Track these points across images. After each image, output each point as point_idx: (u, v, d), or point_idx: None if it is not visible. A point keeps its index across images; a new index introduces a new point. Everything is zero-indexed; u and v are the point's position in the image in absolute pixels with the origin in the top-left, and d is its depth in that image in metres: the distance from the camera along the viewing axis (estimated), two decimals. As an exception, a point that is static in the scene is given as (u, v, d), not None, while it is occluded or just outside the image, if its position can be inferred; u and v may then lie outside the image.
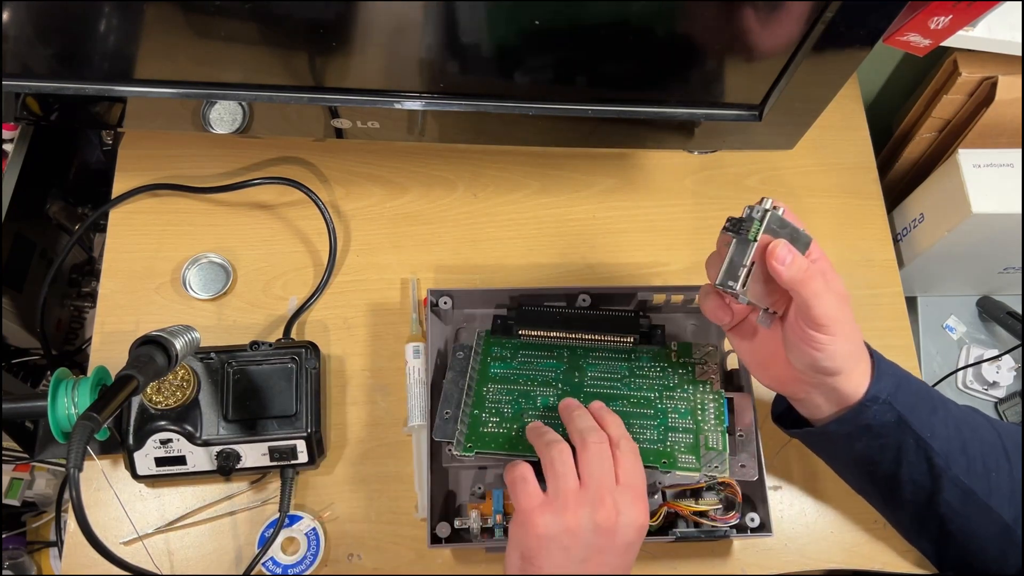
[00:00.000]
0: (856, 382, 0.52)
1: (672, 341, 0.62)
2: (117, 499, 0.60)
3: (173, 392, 0.57)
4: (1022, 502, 0.52)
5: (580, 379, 0.60)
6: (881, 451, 0.54)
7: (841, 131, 0.79)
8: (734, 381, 0.62)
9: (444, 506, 0.59)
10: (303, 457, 0.59)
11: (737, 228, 0.48)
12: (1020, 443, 0.54)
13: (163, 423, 0.57)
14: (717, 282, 0.49)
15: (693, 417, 0.58)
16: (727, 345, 0.62)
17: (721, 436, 0.57)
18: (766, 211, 0.48)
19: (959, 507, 0.53)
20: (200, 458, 0.58)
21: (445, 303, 0.63)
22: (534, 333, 0.60)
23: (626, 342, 0.60)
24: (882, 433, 0.53)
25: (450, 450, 0.57)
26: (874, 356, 0.54)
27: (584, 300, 0.63)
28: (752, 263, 0.48)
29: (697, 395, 0.59)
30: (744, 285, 0.48)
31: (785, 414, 0.58)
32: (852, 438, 0.54)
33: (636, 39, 0.51)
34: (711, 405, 0.58)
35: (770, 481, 0.64)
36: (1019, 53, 0.68)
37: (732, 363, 0.63)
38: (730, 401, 0.59)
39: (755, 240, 0.48)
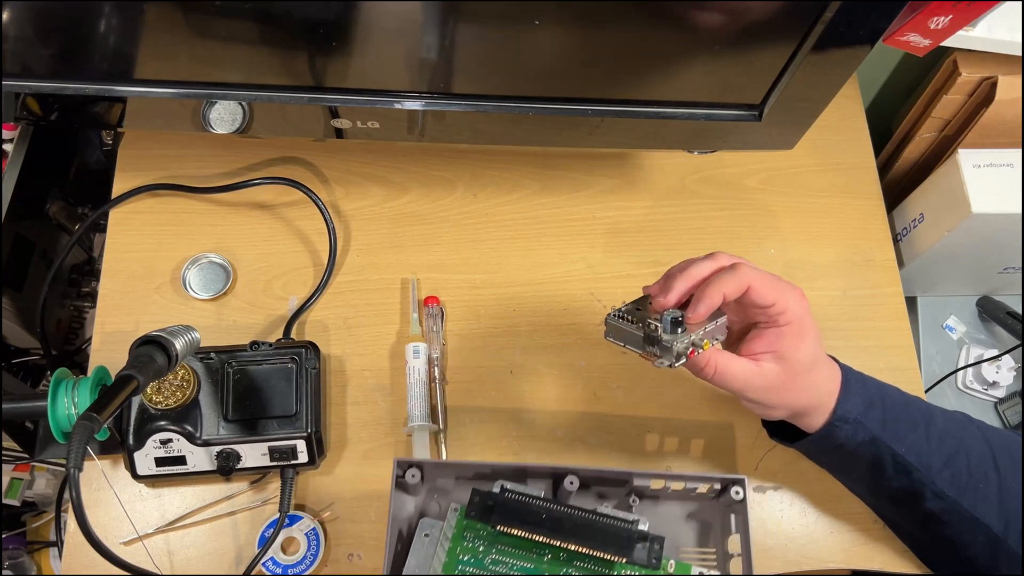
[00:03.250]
0: (830, 405, 0.54)
1: (670, 560, 0.54)
2: (117, 499, 0.60)
3: (173, 392, 0.57)
4: (1022, 512, 0.52)
5: None
6: (856, 465, 0.56)
7: (841, 131, 0.79)
8: None
9: None
10: (303, 457, 0.59)
11: (656, 345, 0.48)
12: (1012, 453, 0.54)
13: (163, 423, 0.57)
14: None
15: None
16: (733, 567, 0.56)
17: None
18: (680, 354, 0.48)
19: (944, 517, 0.54)
20: (200, 458, 0.58)
21: (413, 476, 0.54)
22: (515, 532, 0.51)
23: (617, 560, 0.51)
24: (856, 451, 0.54)
25: None
26: (844, 375, 0.54)
27: (571, 483, 0.55)
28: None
29: None
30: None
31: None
32: (828, 454, 0.56)
33: (636, 39, 0.51)
34: None
35: (770, 481, 0.64)
36: (1019, 53, 0.68)
37: None
38: None
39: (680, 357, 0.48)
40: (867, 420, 0.53)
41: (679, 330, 0.48)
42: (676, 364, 0.48)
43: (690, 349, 0.48)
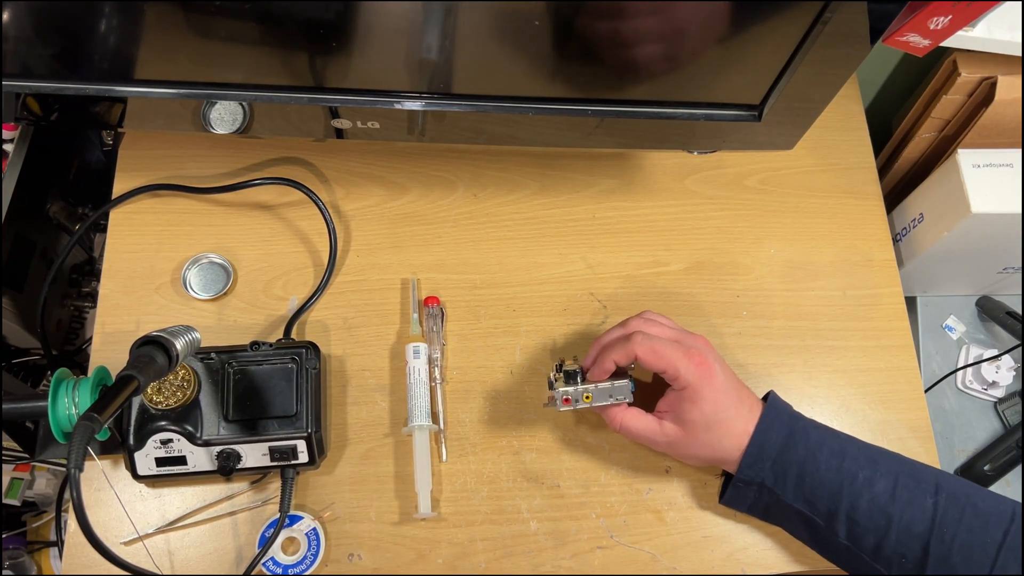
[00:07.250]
0: (737, 461, 0.56)
1: None
2: (117, 499, 0.60)
3: (174, 392, 0.57)
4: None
5: None
6: (776, 520, 0.59)
7: (841, 131, 0.79)
8: None
9: None
10: (303, 457, 0.59)
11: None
12: (971, 537, 0.51)
13: (164, 423, 0.57)
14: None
15: None
16: None
17: None
18: (555, 398, 0.58)
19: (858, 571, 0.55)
20: (200, 458, 0.58)
21: None
22: None
23: None
24: (768, 510, 0.57)
25: None
26: (755, 435, 0.55)
27: None
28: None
29: None
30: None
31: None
32: (748, 510, 0.60)
33: (636, 39, 0.51)
34: None
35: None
36: (1019, 53, 0.68)
37: None
38: None
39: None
40: (775, 485, 0.55)
41: (578, 380, 0.58)
42: (554, 406, 0.58)
43: (564, 397, 0.58)
